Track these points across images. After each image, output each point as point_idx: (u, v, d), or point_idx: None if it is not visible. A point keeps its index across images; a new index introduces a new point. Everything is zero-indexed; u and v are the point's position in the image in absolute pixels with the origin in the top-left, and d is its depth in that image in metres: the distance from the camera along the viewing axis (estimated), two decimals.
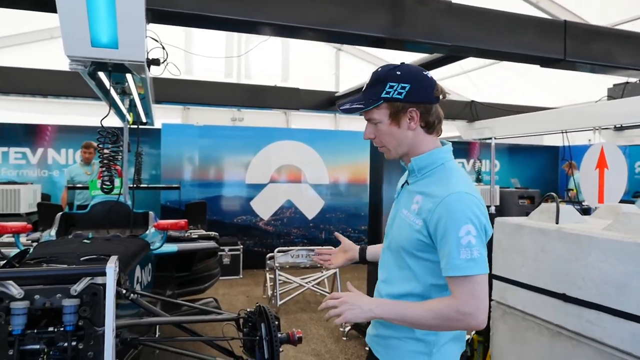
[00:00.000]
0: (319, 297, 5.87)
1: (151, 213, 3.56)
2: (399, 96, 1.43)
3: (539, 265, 2.31)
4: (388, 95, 1.44)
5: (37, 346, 1.57)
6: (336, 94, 6.13)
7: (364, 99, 1.48)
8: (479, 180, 8.50)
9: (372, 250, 1.89)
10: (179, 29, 8.81)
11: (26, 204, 6.33)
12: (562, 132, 4.96)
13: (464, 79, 9.47)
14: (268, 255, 5.67)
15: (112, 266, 1.52)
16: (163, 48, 2.54)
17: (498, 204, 9.03)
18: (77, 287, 1.59)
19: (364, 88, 1.51)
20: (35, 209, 5.97)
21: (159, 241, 2.97)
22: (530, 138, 8.90)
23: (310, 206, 7.92)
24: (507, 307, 2.54)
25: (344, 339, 4.59)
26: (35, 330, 1.56)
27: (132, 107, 3.63)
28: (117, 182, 3.66)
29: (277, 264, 5.42)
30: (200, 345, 1.98)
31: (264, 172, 7.71)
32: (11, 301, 1.53)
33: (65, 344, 1.56)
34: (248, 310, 2.04)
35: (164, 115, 8.94)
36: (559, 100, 8.60)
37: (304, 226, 7.88)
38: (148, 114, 4.05)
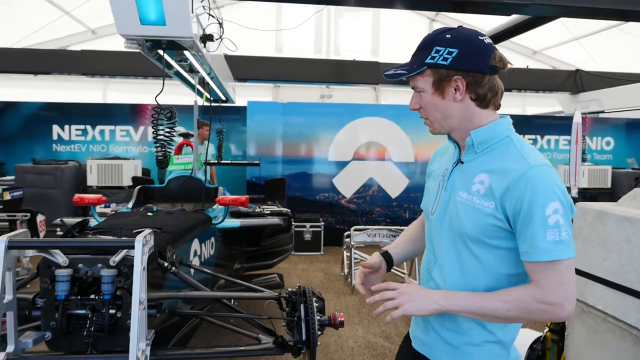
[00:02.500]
0: (397, 278, 5.74)
1: (221, 188, 3.66)
2: (444, 62, 1.26)
3: (624, 259, 1.98)
4: (432, 61, 1.28)
5: (82, 311, 1.66)
6: None
7: (408, 64, 1.33)
8: (584, 159, 7.65)
9: (397, 254, 1.64)
10: (271, 11, 8.98)
11: (128, 178, 6.92)
12: None
13: (573, 46, 8.51)
14: (345, 234, 5.64)
15: (140, 240, 1.54)
16: (220, 24, 2.54)
17: (609, 186, 8.12)
18: (115, 259, 1.65)
19: (414, 52, 1.35)
20: None
21: (223, 216, 3.04)
22: None
23: (394, 185, 7.71)
24: (586, 306, 2.23)
25: None
26: (79, 297, 1.65)
27: (205, 84, 3.74)
28: (190, 158, 3.84)
29: (353, 242, 5.36)
30: (242, 321, 1.98)
31: (347, 150, 7.63)
32: (57, 268, 1.62)
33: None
34: (290, 289, 2.00)
35: (255, 94, 9.22)
36: None
37: (387, 205, 7.72)
38: (223, 91, 4.14)
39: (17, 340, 1.54)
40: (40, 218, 5.49)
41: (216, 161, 5.41)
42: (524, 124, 9.00)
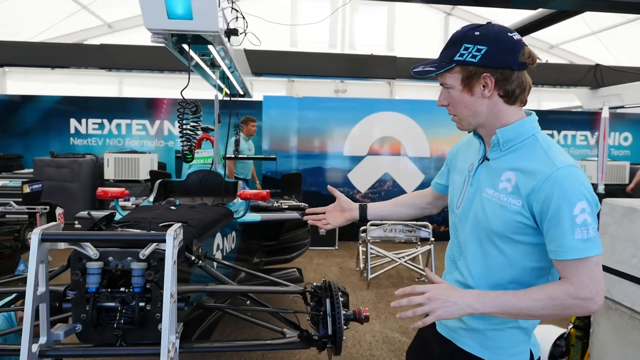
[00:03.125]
0: (412, 274, 5.72)
1: (240, 182, 3.67)
2: (473, 59, 1.28)
3: None
4: (461, 58, 1.29)
5: (112, 304, 1.67)
6: None
7: (437, 61, 1.35)
8: None
9: (375, 209, 1.77)
10: (286, 6, 8.97)
11: (145, 172, 6.98)
12: None
13: (592, 40, 8.38)
14: (361, 228, 5.63)
15: (171, 233, 1.55)
16: (243, 18, 2.53)
17: (627, 182, 8.00)
18: (145, 252, 1.66)
19: (442, 49, 1.36)
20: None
21: (244, 210, 3.05)
22: None
23: (410, 180, 7.68)
24: (613, 302, 2.20)
25: None
26: (109, 289, 1.66)
27: (225, 79, 3.74)
28: (210, 152, 3.85)
29: (369, 237, 5.35)
30: (266, 315, 1.99)
31: (363, 144, 7.61)
32: (88, 261, 1.64)
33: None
34: (315, 284, 2.00)
35: (269, 88, 9.23)
36: None
37: None
38: (242, 85, 4.15)
39: (49, 332, 1.55)
40: (59, 211, 5.56)
41: (233, 156, 5.42)
42: (540, 119, 8.85)
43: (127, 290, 1.66)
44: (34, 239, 1.50)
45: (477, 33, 1.29)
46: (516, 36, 1.30)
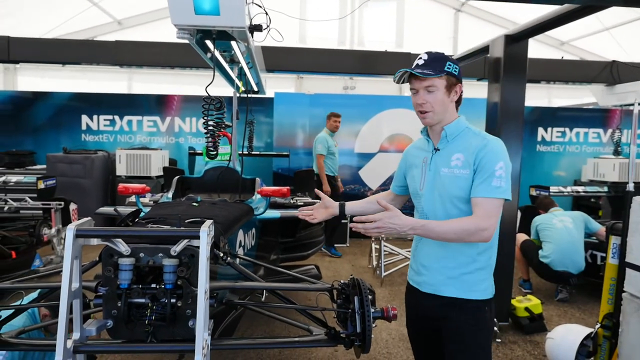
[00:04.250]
0: None
1: (258, 179, 3.66)
2: (455, 72, 1.83)
3: None
4: (449, 70, 1.81)
5: (143, 300, 1.66)
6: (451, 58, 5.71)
7: (432, 69, 1.79)
8: (617, 152, 7.48)
9: (351, 206, 2.24)
10: (295, 0, 8.92)
11: (156, 168, 6.99)
12: None
13: (604, 36, 8.31)
14: None
15: (205, 230, 1.54)
16: (266, 14, 2.52)
17: None
18: (176, 248, 1.65)
19: (422, 62, 1.83)
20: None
21: (263, 207, 3.04)
22: None
23: None
24: None
25: None
26: (141, 286, 1.65)
27: (242, 75, 3.73)
28: (227, 149, 3.84)
29: (383, 235, 5.34)
30: (293, 312, 1.98)
31: (374, 141, 7.59)
32: (119, 257, 1.63)
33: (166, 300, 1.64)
34: (342, 281, 1.98)
35: (278, 85, 9.20)
36: None
37: None
38: (258, 82, 4.14)
39: (82, 328, 1.55)
40: (72, 207, 5.58)
41: (247, 152, 5.41)
42: (551, 116, 8.82)
43: (158, 286, 1.65)
44: (69, 235, 1.50)
45: (452, 56, 1.89)
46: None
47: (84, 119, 8.07)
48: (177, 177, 3.62)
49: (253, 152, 5.68)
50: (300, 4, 9.16)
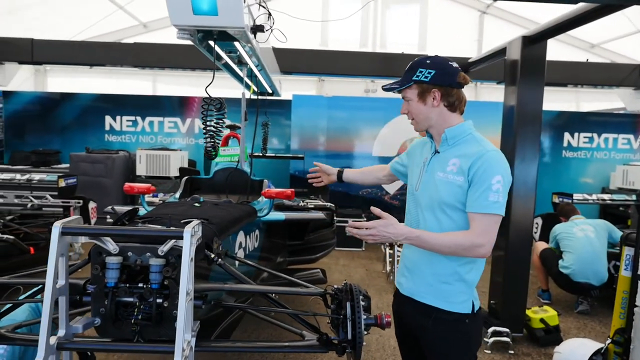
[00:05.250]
0: None
1: (266, 181, 3.66)
2: (425, 79, 1.79)
3: None
4: (417, 78, 1.80)
5: (131, 299, 1.66)
6: (469, 60, 5.61)
7: (400, 81, 1.85)
8: None
9: (348, 174, 2.38)
10: (317, 3, 8.93)
11: (175, 169, 7.08)
12: None
13: (636, 39, 8.01)
14: None
15: (189, 230, 1.53)
16: (269, 14, 2.51)
17: None
18: (164, 248, 1.65)
19: (398, 79, 1.87)
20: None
21: (268, 208, 3.03)
22: None
23: None
24: None
25: None
26: (127, 285, 1.65)
27: (253, 77, 3.73)
28: (236, 150, 3.85)
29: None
30: (285, 316, 1.95)
31: (392, 145, 7.51)
32: (107, 255, 1.64)
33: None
34: (335, 286, 1.94)
35: (299, 87, 9.20)
36: None
37: None
38: (271, 84, 4.13)
39: (67, 325, 1.56)
40: (92, 205, 5.70)
41: (261, 154, 5.42)
42: (578, 121, 8.55)
43: (145, 286, 1.65)
44: (54, 232, 1.51)
45: (428, 61, 1.81)
46: (454, 64, 1.82)
47: (107, 119, 8.25)
48: (185, 177, 3.64)
49: (267, 154, 5.68)
50: (322, 6, 9.16)
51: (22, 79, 8.87)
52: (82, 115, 8.29)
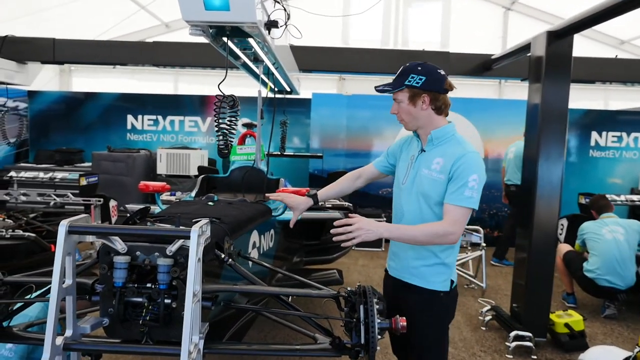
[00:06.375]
0: (461, 280, 5.46)
1: (282, 180, 3.61)
2: (417, 84, 1.98)
3: None
4: (409, 83, 1.98)
5: (140, 299, 1.63)
6: (492, 57, 5.46)
7: (393, 84, 2.03)
8: None
9: (324, 193, 2.42)
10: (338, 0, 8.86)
11: (195, 167, 7.10)
12: None
13: None
14: None
15: (196, 230, 1.49)
16: (284, 9, 2.46)
17: None
18: (172, 248, 1.61)
19: (394, 77, 2.04)
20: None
21: (283, 208, 2.98)
22: None
23: None
24: None
25: (483, 328, 4.18)
26: (136, 285, 1.62)
27: (270, 75, 3.69)
28: (253, 148, 3.82)
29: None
30: (298, 318, 1.90)
31: None
32: (115, 255, 1.61)
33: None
34: (349, 289, 1.88)
35: (319, 86, 9.15)
36: None
37: None
38: (288, 82, 4.09)
39: (75, 325, 1.54)
40: (112, 203, 5.75)
41: (279, 152, 5.39)
42: (607, 120, 8.27)
43: (153, 286, 1.62)
44: (61, 231, 1.49)
45: (419, 68, 1.99)
46: (442, 72, 2.02)
47: (129, 118, 8.35)
48: (202, 176, 3.63)
49: (285, 153, 5.64)
50: (344, 3, 9.07)
51: (48, 79, 9.04)
52: (105, 114, 8.40)
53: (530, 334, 3.71)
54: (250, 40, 2.50)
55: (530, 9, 9.16)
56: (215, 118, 2.29)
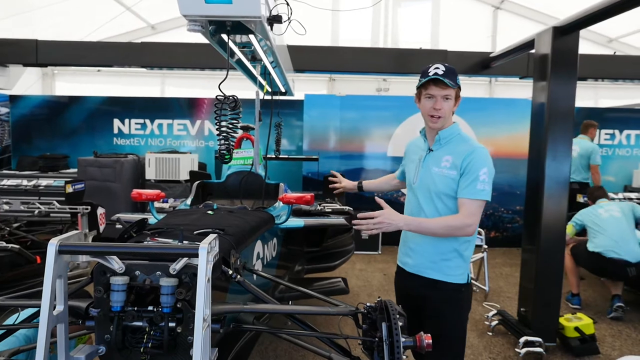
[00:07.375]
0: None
1: (282, 185, 3.45)
2: (459, 86, 2.12)
3: None
4: (459, 83, 2.11)
5: (139, 324, 1.46)
6: (490, 55, 5.36)
7: (451, 80, 2.06)
8: None
9: (368, 185, 2.75)
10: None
11: (185, 172, 6.89)
12: None
13: None
14: None
15: (205, 247, 1.32)
16: (287, 4, 2.30)
17: None
18: (176, 267, 1.45)
19: (442, 73, 2.05)
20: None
21: (286, 215, 2.82)
22: None
23: None
24: None
25: (489, 334, 4.06)
26: (135, 308, 1.45)
27: (266, 75, 3.53)
28: (249, 152, 3.65)
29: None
30: (312, 337, 1.74)
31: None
32: (112, 275, 1.44)
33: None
34: (368, 304, 1.73)
35: (310, 87, 8.99)
36: None
37: None
38: (285, 83, 3.94)
39: (67, 355, 1.36)
40: (100, 211, 5.51)
41: (274, 156, 5.22)
42: (598, 118, 8.24)
43: (155, 309, 1.45)
44: (50, 251, 1.31)
45: (454, 70, 2.12)
46: None
47: (116, 122, 8.10)
48: (197, 182, 3.45)
49: (280, 156, 5.47)
50: (333, 4, 8.94)
51: (30, 83, 8.75)
52: (90, 118, 8.14)
53: (540, 339, 3.60)
54: (251, 37, 2.34)
55: (519, 7, 9.13)
56: (216, 121, 2.12)
